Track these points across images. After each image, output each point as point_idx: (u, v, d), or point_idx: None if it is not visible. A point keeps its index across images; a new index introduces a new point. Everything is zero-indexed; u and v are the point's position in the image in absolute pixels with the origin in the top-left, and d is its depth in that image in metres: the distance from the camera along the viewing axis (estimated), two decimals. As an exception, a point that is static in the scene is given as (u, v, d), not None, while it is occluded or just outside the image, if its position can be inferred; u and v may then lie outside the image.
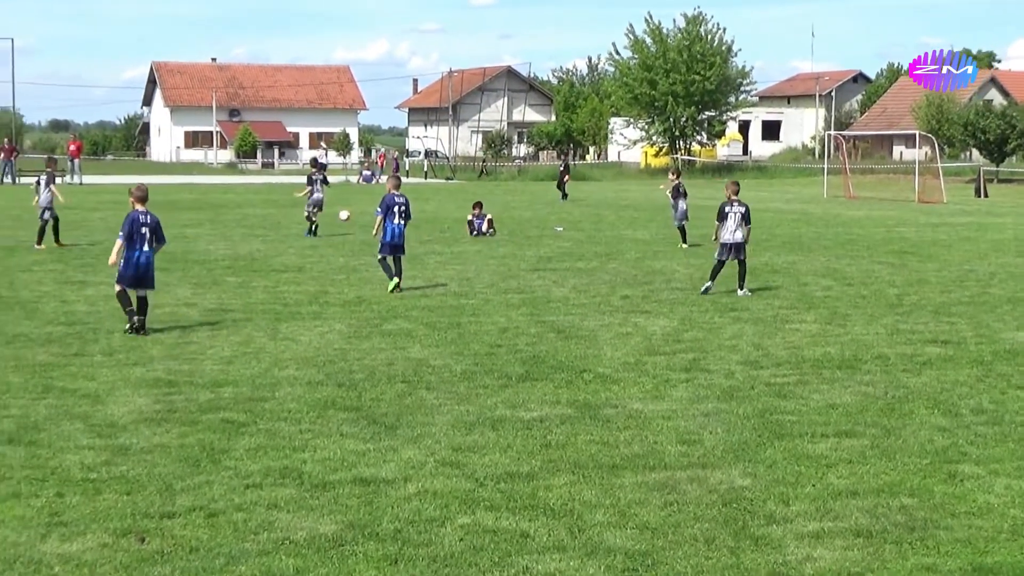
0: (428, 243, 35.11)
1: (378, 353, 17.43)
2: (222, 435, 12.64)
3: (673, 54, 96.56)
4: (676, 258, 30.97)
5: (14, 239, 34.93)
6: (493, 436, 12.73)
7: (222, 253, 31.27)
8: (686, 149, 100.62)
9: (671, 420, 13.52)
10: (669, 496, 10.65)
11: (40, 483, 10.86)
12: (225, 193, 65.12)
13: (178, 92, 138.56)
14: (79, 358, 16.84)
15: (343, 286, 24.82)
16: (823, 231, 41.13)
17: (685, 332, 19.51)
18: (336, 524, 9.82)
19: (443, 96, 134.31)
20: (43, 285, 24.57)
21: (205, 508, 10.18)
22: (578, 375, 15.94)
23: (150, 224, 19.31)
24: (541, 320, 20.58)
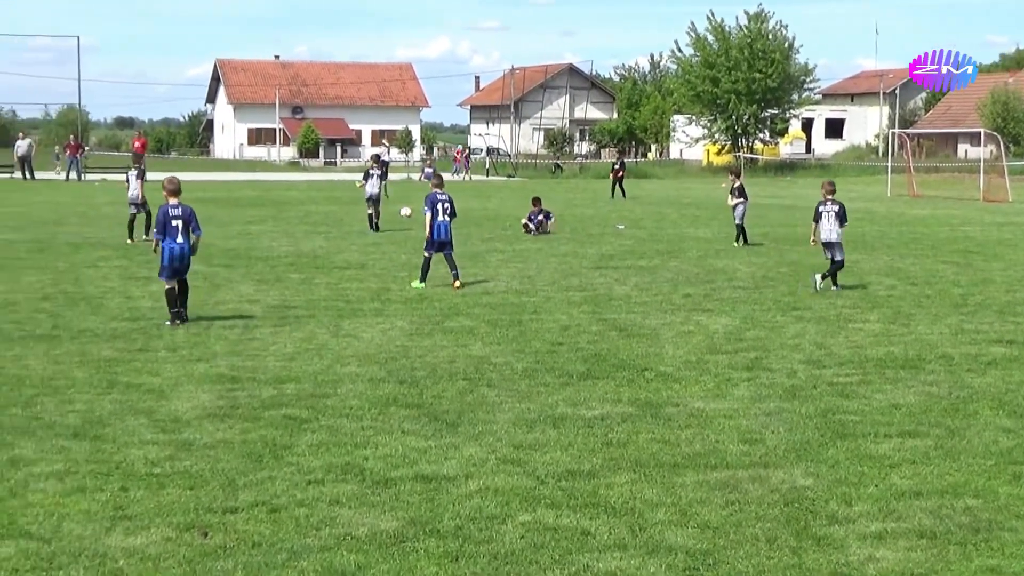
0: (489, 241, 35.14)
1: (440, 350, 17.46)
2: (284, 431, 12.70)
3: (735, 51, 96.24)
4: (738, 256, 30.85)
5: (80, 236, 35.22)
6: (554, 434, 12.73)
7: (285, 250, 31.41)
8: (748, 147, 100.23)
9: (733, 419, 13.47)
10: (731, 495, 10.61)
11: (105, 477, 10.95)
12: (288, 190, 65.39)
13: (241, 89, 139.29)
14: (143, 353, 16.96)
15: (405, 283, 24.86)
16: (887, 230, 40.88)
17: (747, 331, 19.43)
18: (397, 520, 9.84)
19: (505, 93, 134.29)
20: (108, 281, 24.77)
21: (267, 503, 10.23)
22: (639, 373, 15.91)
23: (182, 216, 19.64)
24: (603, 318, 20.56)
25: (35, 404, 13.81)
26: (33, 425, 12.85)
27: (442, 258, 24.85)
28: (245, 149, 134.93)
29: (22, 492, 10.50)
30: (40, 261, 28.33)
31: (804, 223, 42.87)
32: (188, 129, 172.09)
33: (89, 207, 49.22)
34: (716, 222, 43.50)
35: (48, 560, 8.91)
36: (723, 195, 63.39)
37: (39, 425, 12.85)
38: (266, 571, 8.78)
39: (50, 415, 13.29)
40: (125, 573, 8.73)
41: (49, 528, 9.59)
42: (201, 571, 8.77)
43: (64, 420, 13.07)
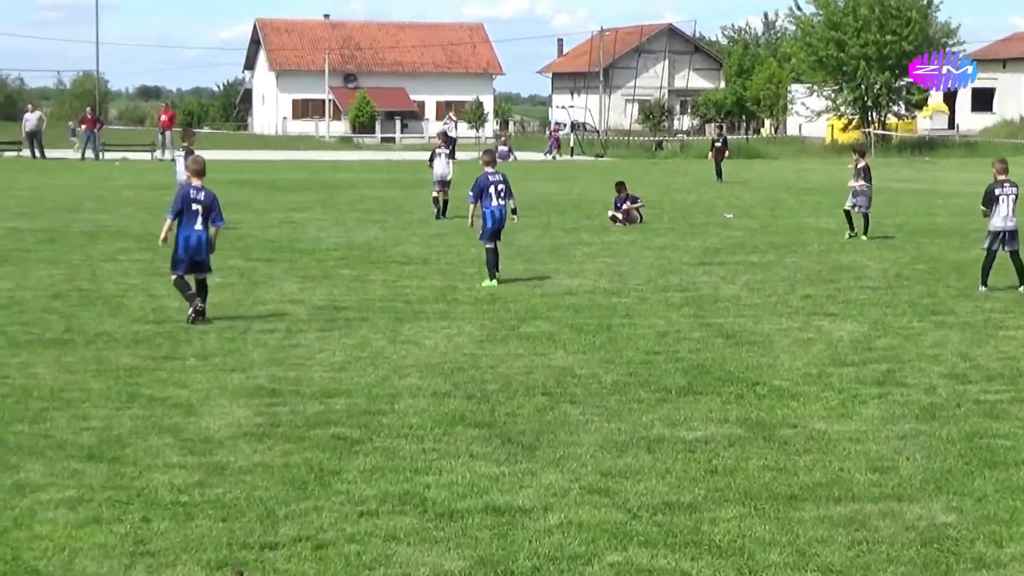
0: (574, 231, 35.14)
1: (515, 360, 17.47)
2: (332, 454, 12.74)
3: (864, 10, 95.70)
4: (868, 251, 30.68)
5: (95, 223, 35.51)
6: (649, 459, 12.70)
7: (334, 241, 31.54)
8: (880, 122, 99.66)
9: (860, 443, 13.39)
10: (857, 533, 10.54)
11: (124, 506, 11.02)
12: (338, 171, 65.71)
13: (285, 54, 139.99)
14: (169, 362, 17.07)
15: (474, 281, 24.90)
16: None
17: (878, 339, 19.32)
18: (464, 560, 9.85)
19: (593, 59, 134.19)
20: (129, 277, 24.96)
21: (312, 538, 10.26)
22: (750, 388, 15.85)
23: (203, 201, 19.84)
24: (707, 323, 20.50)
25: (44, 419, 13.93)
26: (42, 444, 12.96)
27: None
28: (289, 123, 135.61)
29: (28, 522, 10.59)
30: (51, 253, 28.61)
31: (945, 211, 42.64)
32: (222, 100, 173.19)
33: (108, 191, 49.65)
34: (841, 210, 43.24)
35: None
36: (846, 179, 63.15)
37: (48, 444, 12.96)
38: (310, 618, 8.82)
39: (61, 433, 13.40)
40: (146, 618, 8.80)
41: (59, 565, 9.66)
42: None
43: (77, 439, 13.17)
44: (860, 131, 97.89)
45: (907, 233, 35.37)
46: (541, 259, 28.68)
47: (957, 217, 40.56)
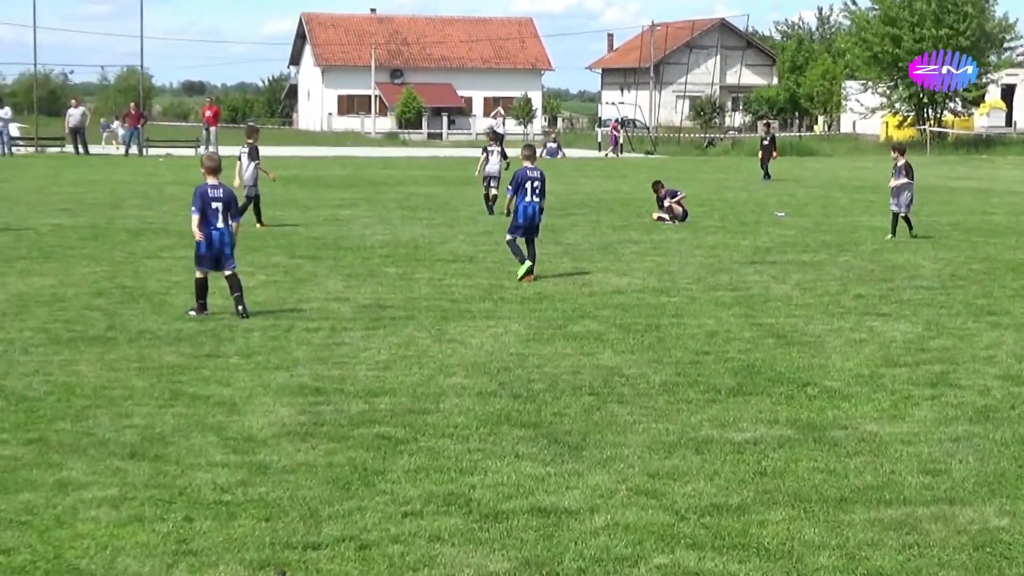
0: (623, 229, 35.13)
1: (561, 360, 17.49)
2: (377, 453, 12.78)
3: (921, 4, 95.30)
4: (922, 251, 30.58)
5: (139, 220, 35.69)
6: (697, 460, 12.71)
7: (380, 239, 31.61)
8: (936, 119, 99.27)
9: (912, 445, 13.36)
10: (908, 537, 10.53)
11: (167, 505, 11.08)
12: (384, 168, 65.84)
13: (331, 49, 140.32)
14: (212, 359, 17.15)
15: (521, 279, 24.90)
16: (1103, 219, 40.29)
17: (931, 339, 19.27)
18: (509, 561, 9.88)
19: (643, 55, 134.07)
20: (172, 274, 25.07)
21: (356, 538, 10.30)
22: (800, 389, 15.84)
23: (223, 198, 20.29)
24: (757, 323, 20.48)
25: (87, 418, 14.01)
26: (84, 442, 13.03)
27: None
28: (334, 119, 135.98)
29: (71, 521, 10.66)
30: (94, 250, 28.76)
31: (1002, 210, 42.46)
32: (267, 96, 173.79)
33: (151, 187, 49.89)
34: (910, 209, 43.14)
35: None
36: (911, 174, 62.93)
37: (91, 442, 13.03)
38: (353, 618, 8.86)
39: (104, 431, 13.48)
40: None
41: (102, 564, 9.72)
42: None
43: (120, 437, 13.25)
44: (916, 128, 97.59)
45: (962, 232, 35.25)
46: (589, 257, 28.69)
47: (1013, 216, 40.43)
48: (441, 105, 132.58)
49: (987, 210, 42.85)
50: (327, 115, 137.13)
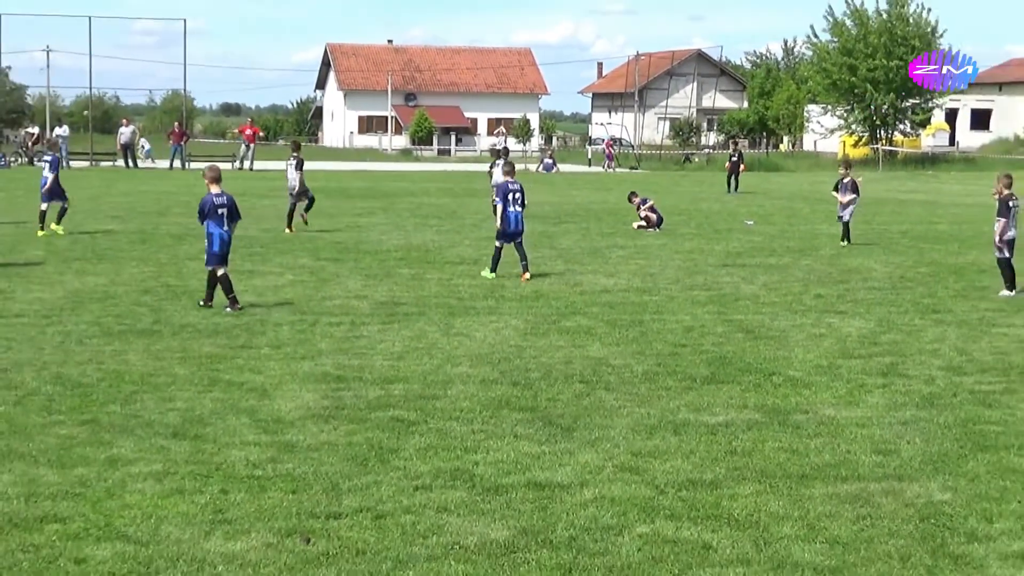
0: (610, 236, 35.10)
1: (555, 351, 17.47)
2: (391, 434, 12.77)
3: (874, 37, 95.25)
4: (874, 256, 30.55)
5: (182, 226, 35.65)
6: (675, 441, 12.69)
7: (395, 243, 31.59)
8: (887, 139, 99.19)
9: (866, 428, 13.35)
10: (862, 509, 10.52)
11: (204, 479, 11.08)
12: (399, 180, 65.75)
13: (352, 75, 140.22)
14: (246, 350, 17.14)
15: (520, 280, 24.88)
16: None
17: (883, 334, 19.25)
18: (508, 530, 9.86)
19: (629, 81, 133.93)
20: (211, 274, 25.02)
21: (372, 509, 10.30)
22: (767, 378, 15.82)
23: (226, 204, 20.74)
24: (728, 319, 20.46)
25: (134, 401, 14.01)
26: (132, 423, 13.03)
27: (512, 249, 25.51)
28: (355, 137, 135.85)
29: (120, 493, 10.66)
30: (142, 253, 28.75)
31: (946, 220, 42.43)
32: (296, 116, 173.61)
33: (193, 197, 49.67)
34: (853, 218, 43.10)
35: (145, 564, 9.03)
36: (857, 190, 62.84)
37: (138, 423, 13.03)
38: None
39: (149, 413, 13.48)
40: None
41: (147, 531, 9.72)
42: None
43: (164, 419, 13.24)
44: (869, 147, 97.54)
45: (911, 239, 35.20)
46: (580, 260, 28.67)
47: (956, 225, 40.38)
48: (450, 125, 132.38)
49: (933, 220, 42.80)
50: (349, 133, 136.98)
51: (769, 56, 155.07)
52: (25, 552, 9.22)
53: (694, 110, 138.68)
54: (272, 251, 29.58)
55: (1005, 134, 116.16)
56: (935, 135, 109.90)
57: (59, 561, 9.06)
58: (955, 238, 35.56)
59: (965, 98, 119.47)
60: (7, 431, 12.62)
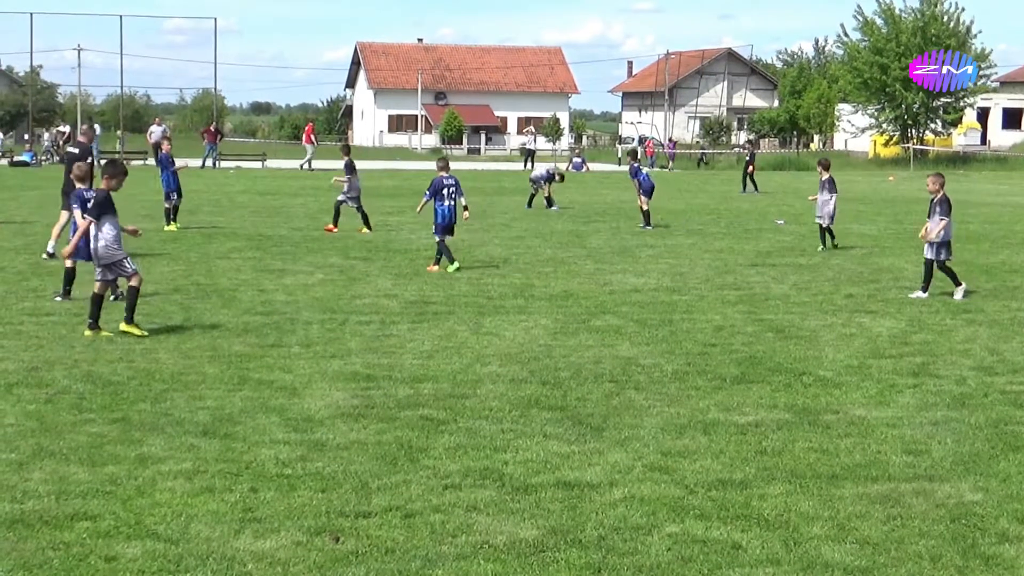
0: (640, 235, 35.10)
1: (585, 350, 17.46)
2: (421, 433, 12.77)
3: (906, 36, 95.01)
4: (905, 255, 30.45)
5: (212, 225, 35.78)
6: (705, 441, 12.68)
7: (424, 243, 31.59)
8: (918, 138, 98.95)
9: (896, 428, 13.31)
10: (892, 510, 10.49)
11: (234, 477, 11.10)
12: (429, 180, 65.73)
13: (382, 74, 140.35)
14: (276, 349, 17.17)
15: (550, 279, 24.91)
16: (1068, 228, 40.06)
17: (913, 334, 19.19)
18: (537, 529, 9.86)
19: (659, 80, 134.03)
20: (241, 273, 25.12)
21: (402, 508, 10.30)
22: (797, 378, 15.79)
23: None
24: (758, 319, 20.43)
25: (165, 400, 14.04)
26: (162, 422, 13.07)
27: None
28: (385, 136, 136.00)
29: (150, 491, 10.69)
30: (173, 251, 28.83)
31: (977, 219, 42.31)
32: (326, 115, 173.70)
33: (223, 196, 50.01)
34: (882, 217, 43.06)
35: (175, 562, 9.05)
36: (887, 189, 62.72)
37: (168, 422, 13.06)
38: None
39: (180, 412, 13.51)
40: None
41: (177, 529, 9.74)
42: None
43: (194, 417, 13.27)
44: (900, 146, 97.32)
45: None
46: (610, 260, 28.65)
47: (987, 225, 40.26)
48: (480, 124, 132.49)
49: (964, 219, 42.60)
50: (379, 132, 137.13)
51: (800, 55, 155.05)
52: (56, 550, 9.25)
53: (724, 109, 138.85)
54: (302, 250, 29.64)
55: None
56: (966, 134, 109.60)
57: (89, 559, 9.09)
58: (986, 237, 35.46)
59: (997, 97, 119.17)
60: (38, 429, 12.68)
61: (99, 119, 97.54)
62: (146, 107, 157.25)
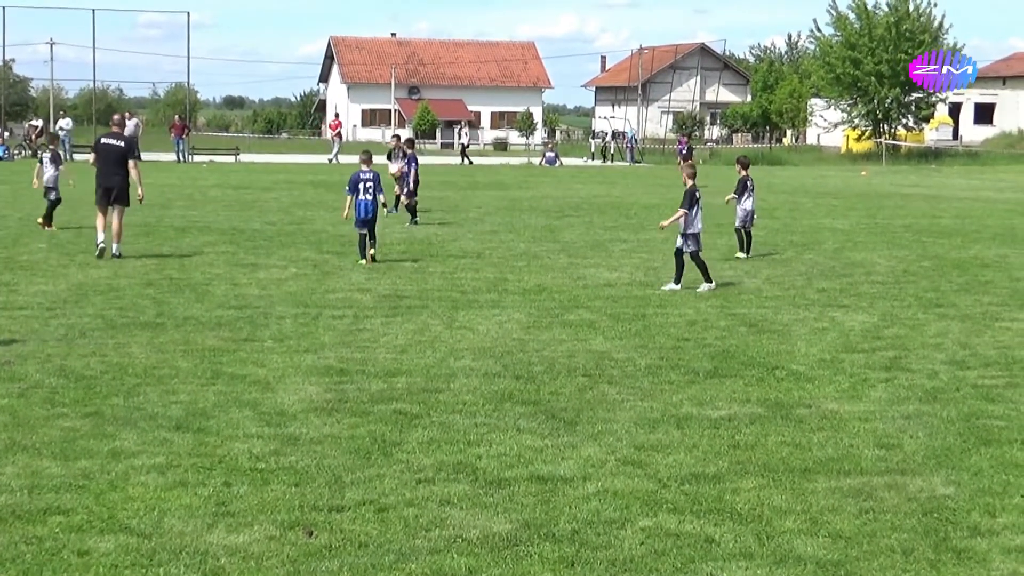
0: (613, 229, 35.12)
1: (558, 344, 17.46)
2: (394, 427, 12.76)
3: (879, 31, 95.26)
4: (877, 250, 30.55)
5: (185, 219, 35.69)
6: (678, 435, 12.68)
7: (398, 237, 31.60)
8: (891, 133, 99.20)
9: (868, 422, 13.34)
10: (865, 503, 10.51)
11: (207, 472, 11.07)
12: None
13: (356, 68, 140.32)
14: (249, 343, 17.14)
15: (523, 273, 24.91)
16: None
17: (886, 328, 19.24)
18: (511, 523, 9.86)
19: (632, 75, 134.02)
20: (214, 267, 25.06)
21: (375, 502, 10.29)
22: (770, 372, 15.81)
23: None
24: (731, 313, 20.46)
25: (137, 394, 14.00)
26: (135, 416, 13.03)
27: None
28: (358, 131, 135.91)
29: (123, 485, 10.65)
30: (145, 245, 28.74)
31: (949, 214, 42.44)
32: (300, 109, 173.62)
33: (196, 190, 49.87)
34: (854, 212, 43.13)
35: (148, 556, 9.03)
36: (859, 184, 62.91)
37: (141, 416, 13.02)
38: (372, 573, 8.83)
39: (153, 406, 13.47)
40: (227, 572, 8.82)
41: (150, 523, 9.71)
42: (305, 571, 8.84)
43: (167, 411, 13.23)
44: (873, 141, 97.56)
45: (913, 233, 35.20)
46: (583, 254, 28.67)
47: (959, 219, 40.39)
48: (453, 118, 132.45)
49: (936, 214, 42.78)
50: (352, 127, 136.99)
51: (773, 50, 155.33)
52: (28, 544, 9.22)
53: (697, 104, 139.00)
54: (275, 244, 29.59)
55: (1009, 128, 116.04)
56: (938, 129, 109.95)
57: (62, 553, 9.06)
58: (958, 232, 35.58)
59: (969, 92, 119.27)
60: (11, 423, 12.63)
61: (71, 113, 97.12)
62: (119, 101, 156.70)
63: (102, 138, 27.12)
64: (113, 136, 26.94)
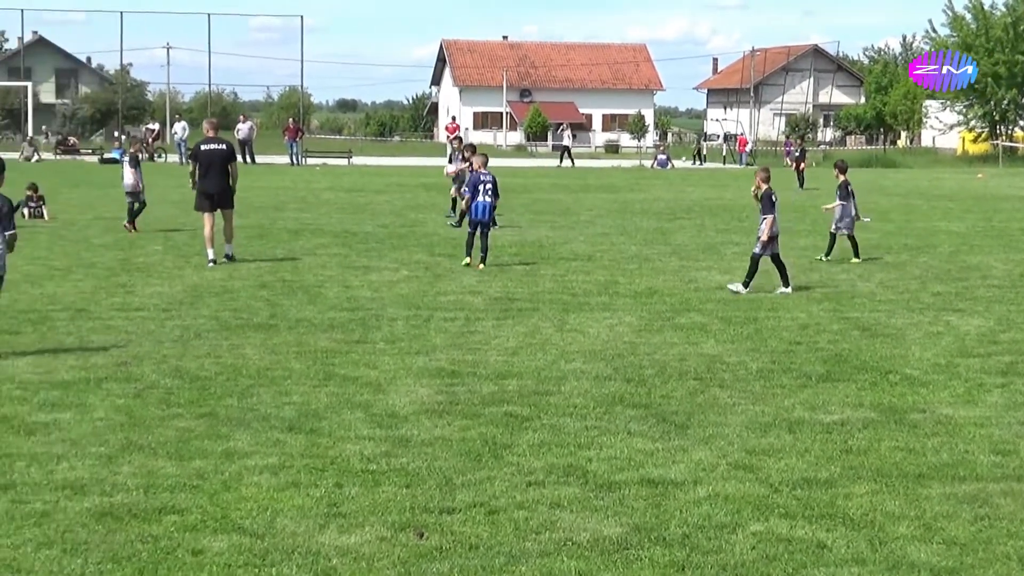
0: (725, 232, 34.96)
1: (669, 348, 17.41)
2: (505, 429, 12.78)
3: (997, 32, 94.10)
4: (994, 253, 30.18)
5: (298, 221, 35.99)
6: (790, 439, 12.61)
7: (508, 239, 31.63)
8: (1008, 135, 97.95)
9: (984, 428, 13.18)
10: (980, 510, 10.38)
11: (319, 473, 11.15)
12: (513, 177, 65.80)
13: (468, 71, 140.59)
14: (361, 345, 17.24)
15: (634, 276, 24.86)
16: None
17: (1002, 333, 19.00)
18: (621, 526, 9.84)
19: (744, 77, 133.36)
20: (327, 269, 25.25)
21: (486, 504, 10.31)
22: (883, 376, 15.67)
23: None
24: (844, 316, 20.29)
25: (251, 395, 14.13)
26: (248, 417, 13.15)
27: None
28: (470, 133, 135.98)
29: (236, 486, 10.75)
30: (259, 248, 29.04)
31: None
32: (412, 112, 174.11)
33: (309, 192, 50.28)
34: (970, 215, 42.65)
35: (261, 556, 9.11)
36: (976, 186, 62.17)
37: (254, 417, 13.15)
38: (483, 575, 8.85)
39: (266, 407, 13.59)
40: (338, 572, 8.87)
41: (262, 523, 9.80)
42: (416, 573, 8.87)
43: (280, 412, 13.35)
44: (989, 143, 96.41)
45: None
46: (695, 257, 28.57)
47: (1078, 222, 39.79)
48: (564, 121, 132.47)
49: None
50: (464, 130, 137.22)
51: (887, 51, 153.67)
52: (144, 543, 9.33)
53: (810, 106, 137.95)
54: (387, 246, 29.75)
55: None
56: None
57: (177, 552, 9.17)
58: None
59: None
60: (127, 423, 12.79)
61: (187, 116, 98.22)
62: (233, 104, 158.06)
63: (202, 144, 27.18)
64: (214, 141, 27.08)
